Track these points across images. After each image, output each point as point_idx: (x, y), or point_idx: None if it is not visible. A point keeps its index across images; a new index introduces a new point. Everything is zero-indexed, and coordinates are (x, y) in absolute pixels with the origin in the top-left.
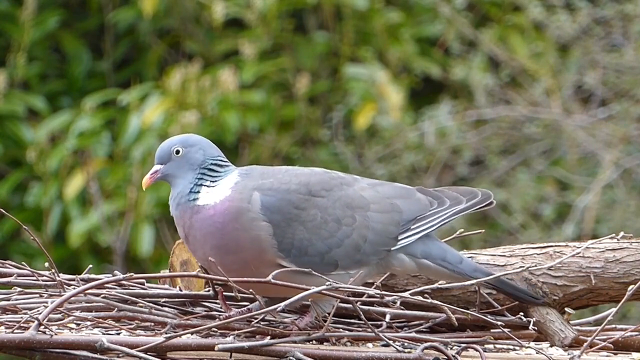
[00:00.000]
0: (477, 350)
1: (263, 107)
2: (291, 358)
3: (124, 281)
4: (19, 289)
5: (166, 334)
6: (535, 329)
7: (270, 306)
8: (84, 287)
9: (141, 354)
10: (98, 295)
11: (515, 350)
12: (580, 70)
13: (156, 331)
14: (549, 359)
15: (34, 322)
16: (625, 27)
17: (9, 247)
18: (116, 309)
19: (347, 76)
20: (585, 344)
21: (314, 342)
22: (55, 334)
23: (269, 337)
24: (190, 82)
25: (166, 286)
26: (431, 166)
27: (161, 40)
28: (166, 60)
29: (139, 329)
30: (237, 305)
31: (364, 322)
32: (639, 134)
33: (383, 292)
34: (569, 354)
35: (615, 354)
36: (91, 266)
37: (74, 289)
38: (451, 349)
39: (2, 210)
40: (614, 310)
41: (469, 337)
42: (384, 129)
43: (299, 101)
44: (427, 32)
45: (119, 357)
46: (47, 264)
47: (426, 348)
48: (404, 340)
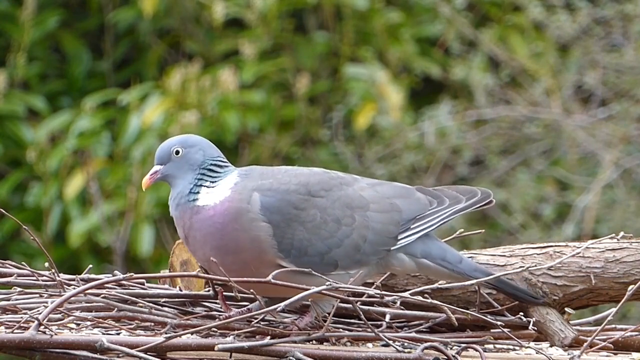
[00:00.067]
0: (477, 350)
1: (263, 107)
2: (291, 358)
3: (124, 281)
4: (19, 289)
5: (166, 334)
6: (535, 329)
7: (270, 306)
8: (84, 287)
9: (141, 354)
10: (98, 295)
11: (515, 350)
12: (580, 70)
13: (156, 331)
14: (549, 359)
15: (34, 322)
16: (625, 27)
17: (9, 247)
18: (116, 309)
19: (347, 76)
20: (585, 344)
21: (314, 342)
22: (55, 334)
23: (269, 337)
24: (190, 82)
25: (166, 286)
26: (431, 166)
27: (161, 40)
28: (166, 60)
29: (139, 329)
30: (237, 305)
31: (364, 322)
32: (639, 134)
33: (383, 292)
34: (569, 354)
35: (615, 354)
36: (91, 266)
37: (74, 289)
38: (451, 349)
39: (2, 210)
40: (614, 310)
41: (469, 337)
42: (384, 129)
43: (299, 101)
44: (427, 32)
45: (119, 357)
46: (47, 264)
47: (426, 348)
48: (404, 340)
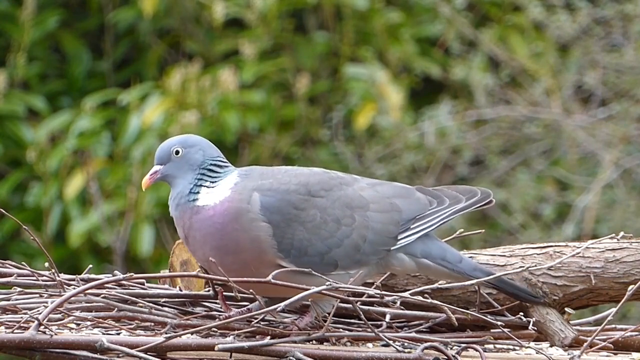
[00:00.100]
0: (477, 350)
1: (263, 107)
2: (291, 358)
3: (124, 281)
4: (19, 289)
5: (166, 334)
6: (535, 329)
7: (270, 306)
8: (84, 287)
9: (141, 354)
10: (98, 295)
11: (515, 350)
12: (580, 70)
13: (156, 331)
14: (549, 359)
15: (34, 322)
16: (625, 27)
17: (9, 247)
18: (116, 309)
19: (347, 76)
20: (585, 344)
21: (314, 342)
22: (55, 334)
23: (269, 337)
24: (190, 82)
25: (166, 286)
26: (431, 166)
27: (161, 40)
28: (166, 60)
29: (139, 329)
30: (237, 305)
31: (364, 322)
32: (639, 134)
33: (383, 292)
34: (569, 354)
35: (615, 354)
36: (91, 266)
37: (74, 289)
38: (451, 349)
39: (2, 210)
40: (614, 310)
41: (469, 337)
42: (384, 129)
43: (299, 101)
44: (427, 32)
45: (119, 357)
46: (47, 264)
47: (426, 348)
48: (404, 340)
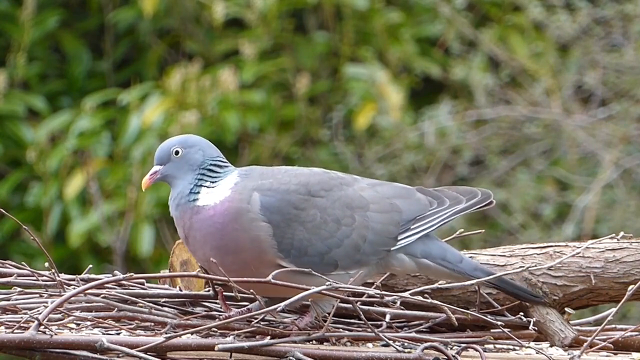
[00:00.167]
0: (477, 350)
1: (263, 107)
2: (291, 358)
3: (124, 281)
4: (19, 289)
5: (166, 334)
6: (535, 329)
7: (270, 306)
8: (84, 287)
9: (141, 354)
10: (98, 295)
11: (515, 350)
12: (580, 70)
13: (156, 331)
14: (549, 359)
15: (34, 322)
16: (625, 27)
17: (9, 247)
18: (116, 309)
19: (347, 76)
20: (585, 344)
21: (314, 342)
22: (55, 334)
23: (269, 337)
24: (190, 82)
25: (166, 286)
26: (431, 166)
27: (161, 40)
28: (166, 60)
29: (139, 329)
30: (237, 305)
31: (364, 322)
32: (639, 134)
33: (383, 292)
34: (569, 354)
35: (615, 354)
36: (91, 266)
37: (74, 289)
38: (451, 349)
39: (2, 210)
40: (614, 310)
41: (469, 337)
42: (384, 129)
43: (299, 101)
44: (427, 32)
45: (119, 357)
46: (47, 264)
47: (426, 348)
48: (404, 340)
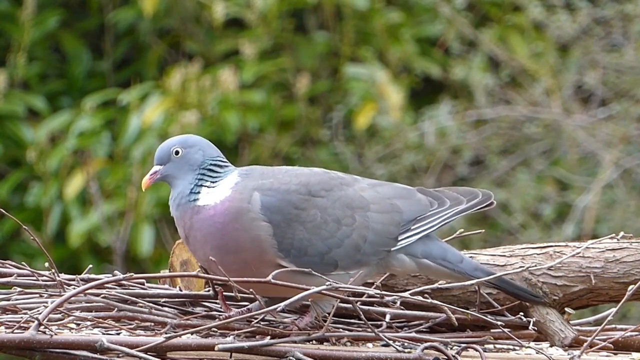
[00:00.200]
0: (477, 350)
1: (263, 107)
2: (291, 358)
3: (124, 281)
4: (19, 289)
5: (166, 334)
6: (535, 329)
7: (270, 306)
8: (84, 287)
9: (141, 354)
10: (98, 295)
11: (515, 350)
12: (580, 70)
13: (156, 331)
14: (549, 359)
15: (34, 322)
16: (625, 27)
17: (9, 247)
18: (116, 309)
19: (347, 76)
20: (585, 344)
21: (314, 342)
22: (55, 334)
23: (269, 337)
24: (190, 82)
25: (166, 286)
26: (431, 166)
27: (161, 40)
28: (166, 60)
29: (139, 329)
30: (237, 305)
31: (364, 322)
32: (639, 134)
33: (383, 292)
34: (569, 354)
35: (615, 354)
36: (91, 266)
37: (74, 289)
38: (451, 349)
39: (2, 210)
40: (614, 310)
41: (469, 337)
42: (384, 129)
43: (299, 101)
44: (427, 32)
45: (119, 357)
46: (47, 264)
47: (426, 348)
48: (404, 340)
